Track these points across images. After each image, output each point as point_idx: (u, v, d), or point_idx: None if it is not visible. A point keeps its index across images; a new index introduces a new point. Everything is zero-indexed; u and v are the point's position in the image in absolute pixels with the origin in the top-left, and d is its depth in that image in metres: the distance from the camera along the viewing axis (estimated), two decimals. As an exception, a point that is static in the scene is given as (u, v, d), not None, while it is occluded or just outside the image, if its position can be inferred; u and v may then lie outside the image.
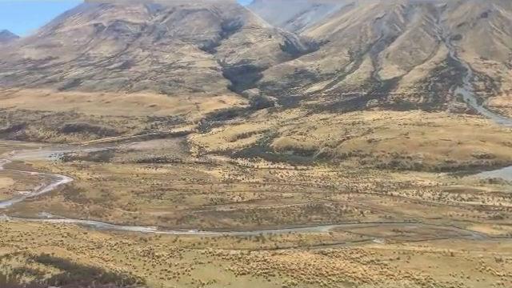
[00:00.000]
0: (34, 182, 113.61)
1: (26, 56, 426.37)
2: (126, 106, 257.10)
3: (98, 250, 59.37)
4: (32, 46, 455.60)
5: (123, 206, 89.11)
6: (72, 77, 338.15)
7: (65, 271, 48.87)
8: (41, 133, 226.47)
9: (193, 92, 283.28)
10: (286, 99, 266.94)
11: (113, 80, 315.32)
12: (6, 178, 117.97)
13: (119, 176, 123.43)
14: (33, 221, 77.41)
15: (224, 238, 68.10)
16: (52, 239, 64.07)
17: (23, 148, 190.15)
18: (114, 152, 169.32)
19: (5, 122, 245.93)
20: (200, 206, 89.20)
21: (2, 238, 63.36)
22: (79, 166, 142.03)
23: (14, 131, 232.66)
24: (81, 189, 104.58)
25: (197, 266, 53.65)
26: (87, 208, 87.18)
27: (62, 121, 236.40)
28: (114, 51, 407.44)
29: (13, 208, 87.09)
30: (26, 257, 53.54)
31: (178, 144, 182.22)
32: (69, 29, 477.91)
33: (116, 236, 68.15)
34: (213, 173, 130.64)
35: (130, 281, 46.89)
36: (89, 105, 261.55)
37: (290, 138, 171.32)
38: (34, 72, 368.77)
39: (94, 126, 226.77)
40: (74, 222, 77.91)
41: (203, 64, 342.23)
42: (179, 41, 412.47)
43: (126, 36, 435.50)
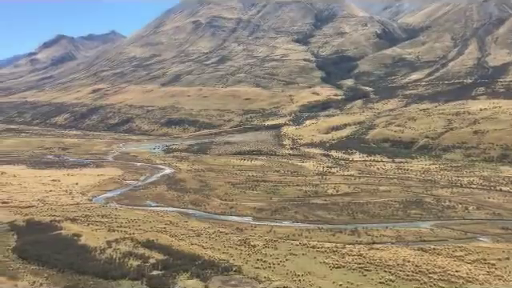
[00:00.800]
0: (139, 173, 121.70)
1: (131, 54, 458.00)
2: (223, 99, 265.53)
3: (197, 238, 62.04)
4: (137, 44, 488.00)
5: (220, 196, 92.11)
6: (173, 73, 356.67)
7: (167, 257, 51.69)
8: (145, 126, 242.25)
9: (286, 84, 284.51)
10: (383, 89, 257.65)
11: (210, 75, 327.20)
12: (115, 168, 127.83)
13: (216, 167, 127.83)
14: (138, 208, 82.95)
15: (318, 230, 67.61)
16: (156, 226, 68.16)
17: (130, 140, 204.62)
18: (211, 144, 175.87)
19: (114, 116, 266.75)
20: (294, 198, 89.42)
21: (112, 224, 68.71)
22: (179, 157, 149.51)
23: (122, 125, 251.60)
24: (181, 179, 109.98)
25: (291, 257, 53.85)
26: (187, 197, 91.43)
27: (164, 115, 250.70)
28: (210, 47, 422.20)
29: (121, 196, 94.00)
30: (133, 242, 57.51)
31: (272, 136, 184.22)
32: (170, 27, 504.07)
33: (214, 225, 70.70)
34: (306, 165, 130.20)
35: (228, 268, 48.33)
36: (188, 99, 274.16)
37: (386, 130, 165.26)
38: (139, 69, 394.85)
39: (193, 119, 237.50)
40: (175, 210, 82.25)
41: (297, 56, 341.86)
42: (273, 34, 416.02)
43: (222, 31, 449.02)
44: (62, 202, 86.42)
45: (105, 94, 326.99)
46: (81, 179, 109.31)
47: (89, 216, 74.18)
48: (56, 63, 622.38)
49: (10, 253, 54.81)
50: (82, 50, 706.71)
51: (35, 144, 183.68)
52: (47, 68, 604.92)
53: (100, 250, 54.05)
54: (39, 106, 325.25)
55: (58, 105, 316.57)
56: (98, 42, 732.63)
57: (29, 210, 77.95)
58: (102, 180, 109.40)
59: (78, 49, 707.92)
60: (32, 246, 55.49)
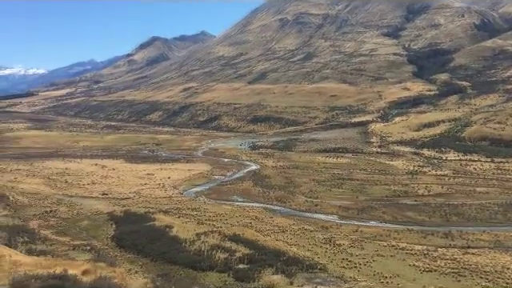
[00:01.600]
0: (227, 168, 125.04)
1: (220, 53, 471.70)
2: (308, 96, 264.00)
3: (282, 234, 62.40)
4: (225, 44, 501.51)
5: (305, 193, 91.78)
6: (259, 71, 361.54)
7: (253, 251, 52.54)
8: (232, 123, 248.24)
9: (374, 80, 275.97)
10: (481, 84, 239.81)
11: (295, 72, 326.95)
12: (204, 163, 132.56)
13: (301, 164, 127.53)
14: (226, 203, 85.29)
15: (408, 231, 64.84)
16: (242, 221, 69.64)
17: (218, 137, 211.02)
18: (296, 141, 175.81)
19: (203, 113, 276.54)
20: (382, 198, 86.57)
21: (201, 217, 71.34)
22: (265, 154, 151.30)
23: (211, 122, 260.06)
24: (266, 175, 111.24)
25: (378, 258, 52.21)
26: (272, 194, 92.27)
27: (250, 112, 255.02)
28: (297, 44, 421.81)
29: (210, 191, 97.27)
30: (221, 235, 59.22)
31: (359, 134, 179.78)
32: (257, 25, 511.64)
33: (299, 222, 70.64)
34: (395, 164, 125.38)
35: (313, 266, 48.01)
36: (273, 96, 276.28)
37: (485, 127, 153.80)
38: (227, 68, 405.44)
39: (279, 116, 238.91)
40: (260, 206, 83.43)
41: (386, 50, 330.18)
42: (361, 28, 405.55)
43: (308, 28, 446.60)
44: (155, 194, 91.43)
45: (195, 92, 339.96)
46: (173, 173, 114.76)
47: (180, 209, 77.69)
48: (151, 63, 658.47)
49: (109, 241, 59.10)
50: (175, 50, 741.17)
51: (132, 140, 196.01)
52: (143, 68, 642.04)
53: (190, 241, 56.29)
54: (135, 104, 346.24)
55: (152, 103, 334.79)
56: (189, 43, 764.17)
57: (126, 202, 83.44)
58: (192, 174, 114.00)
59: (171, 49, 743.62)
60: (128, 236, 59.28)
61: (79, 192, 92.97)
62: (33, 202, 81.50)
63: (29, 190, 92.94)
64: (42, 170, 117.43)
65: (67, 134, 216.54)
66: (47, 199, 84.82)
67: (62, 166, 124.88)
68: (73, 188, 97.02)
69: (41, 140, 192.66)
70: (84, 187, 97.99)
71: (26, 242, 54.85)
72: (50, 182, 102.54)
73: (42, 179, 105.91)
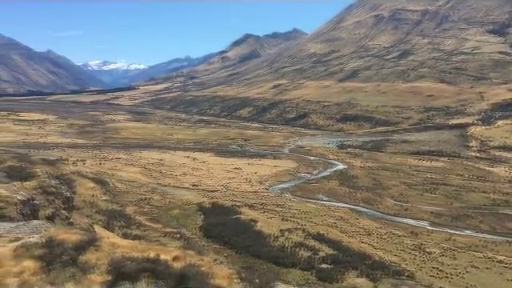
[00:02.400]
0: (313, 166, 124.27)
1: (311, 51, 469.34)
2: (402, 96, 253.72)
3: (368, 237, 60.73)
4: (317, 41, 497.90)
5: (394, 196, 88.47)
6: (350, 68, 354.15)
7: (337, 252, 51.76)
8: (320, 121, 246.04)
9: (476, 80, 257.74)
10: None
11: (389, 70, 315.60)
12: (290, 160, 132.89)
13: (391, 166, 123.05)
14: (310, 201, 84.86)
15: (507, 244, 59.92)
16: (326, 220, 68.85)
17: (305, 135, 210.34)
18: (386, 142, 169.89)
19: (292, 111, 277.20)
20: (479, 206, 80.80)
21: (286, 214, 71.67)
22: (353, 153, 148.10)
23: (299, 119, 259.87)
24: (354, 176, 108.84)
25: (472, 269, 48.88)
26: (359, 195, 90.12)
27: (340, 110, 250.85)
28: (392, 41, 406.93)
29: (295, 188, 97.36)
30: (305, 233, 59.06)
31: (456, 137, 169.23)
32: (351, 22, 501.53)
33: (386, 225, 68.29)
34: (496, 170, 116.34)
35: (399, 272, 46.20)
36: (365, 95, 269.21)
37: None
38: (318, 65, 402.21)
39: (369, 115, 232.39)
40: (346, 206, 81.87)
41: (491, 49, 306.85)
42: (463, 25, 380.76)
43: (405, 24, 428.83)
44: (242, 188, 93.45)
45: (284, 89, 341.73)
46: (259, 169, 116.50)
47: (265, 204, 78.68)
48: (243, 60, 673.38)
49: (197, 230, 61.52)
50: (267, 47, 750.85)
51: (222, 134, 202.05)
52: (235, 65, 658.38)
53: (273, 237, 56.83)
54: (227, 99, 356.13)
55: (242, 99, 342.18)
56: (281, 40, 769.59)
57: (214, 194, 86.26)
58: (278, 171, 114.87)
59: (263, 47, 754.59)
60: (215, 227, 61.27)
61: (171, 182, 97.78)
62: (130, 190, 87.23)
63: (127, 177, 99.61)
64: (139, 160, 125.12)
65: (163, 127, 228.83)
66: (143, 187, 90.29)
67: (157, 156, 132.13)
68: (166, 178, 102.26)
69: (139, 131, 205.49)
70: (176, 178, 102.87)
71: (122, 227, 58.94)
72: (145, 172, 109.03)
73: (138, 168, 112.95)
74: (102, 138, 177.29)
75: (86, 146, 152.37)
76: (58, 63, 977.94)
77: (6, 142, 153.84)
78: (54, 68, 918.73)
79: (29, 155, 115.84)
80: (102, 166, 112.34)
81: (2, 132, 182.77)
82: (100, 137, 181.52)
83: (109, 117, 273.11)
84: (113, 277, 8.43)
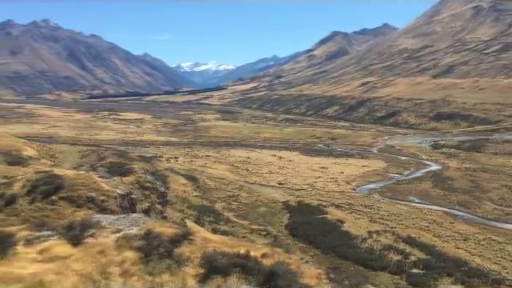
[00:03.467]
0: (403, 167, 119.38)
1: (402, 46, 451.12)
2: (503, 92, 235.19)
3: (464, 242, 57.08)
4: (409, 36, 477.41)
5: (494, 200, 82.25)
6: (445, 64, 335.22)
7: (429, 257, 49.22)
8: (412, 120, 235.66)
9: None
10: None
11: (489, 65, 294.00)
12: (379, 160, 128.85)
13: (491, 168, 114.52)
14: (401, 203, 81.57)
15: None
16: (418, 223, 65.75)
17: (395, 134, 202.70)
18: (485, 142, 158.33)
19: (381, 109, 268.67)
20: None
21: (374, 215, 69.59)
22: (448, 154, 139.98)
23: (388, 118, 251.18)
24: (449, 177, 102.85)
25: None
26: (454, 197, 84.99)
27: (433, 108, 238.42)
28: (492, 34, 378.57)
29: (384, 189, 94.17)
30: (394, 236, 56.90)
31: None
32: (446, 15, 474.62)
33: (484, 231, 63.67)
34: None
35: (499, 281, 42.80)
36: (461, 92, 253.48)
37: None
38: (409, 61, 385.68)
39: (466, 113, 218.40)
40: (439, 209, 77.54)
41: None
42: None
43: (507, 16, 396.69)
44: (328, 188, 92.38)
45: (373, 87, 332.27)
46: (346, 169, 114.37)
47: (352, 204, 77.07)
48: (330, 58, 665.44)
49: (283, 229, 61.86)
50: (355, 44, 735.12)
51: (308, 133, 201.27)
52: (322, 63, 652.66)
53: (361, 238, 55.46)
54: (313, 98, 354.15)
55: (329, 97, 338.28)
56: (370, 36, 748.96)
57: (300, 193, 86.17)
58: (365, 171, 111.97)
59: (351, 43, 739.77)
60: (301, 226, 61.16)
61: (258, 180, 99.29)
62: (218, 186, 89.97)
63: (216, 175, 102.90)
64: (228, 158, 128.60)
65: (250, 126, 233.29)
66: (231, 184, 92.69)
67: (244, 154, 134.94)
68: (253, 176, 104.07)
69: (227, 130, 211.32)
70: (262, 176, 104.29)
71: (211, 222, 60.96)
72: (233, 169, 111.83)
73: (227, 166, 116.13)
74: (193, 137, 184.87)
75: (179, 144, 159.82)
76: (154, 65, 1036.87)
77: (107, 139, 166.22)
78: (149, 70, 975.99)
79: (127, 152, 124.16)
80: (193, 163, 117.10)
81: (104, 130, 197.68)
82: (191, 135, 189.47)
83: (199, 116, 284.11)
84: (205, 270, 8.72)
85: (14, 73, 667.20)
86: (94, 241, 10.85)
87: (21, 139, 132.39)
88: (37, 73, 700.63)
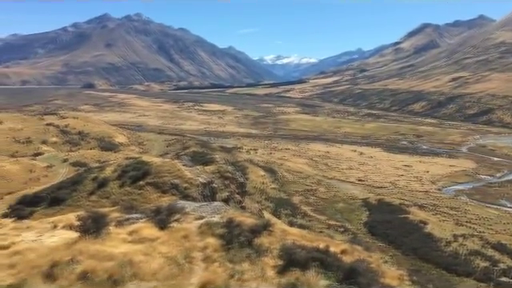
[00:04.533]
0: (495, 168, 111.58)
1: (499, 39, 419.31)
2: None
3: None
4: (507, 28, 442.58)
5: None
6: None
7: (522, 266, 45.71)
8: (507, 118, 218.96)
9: None
10: None
11: None
12: (468, 160, 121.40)
13: None
14: (491, 207, 76.37)
15: None
16: (510, 229, 61.22)
17: (488, 133, 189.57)
18: None
19: (473, 106, 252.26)
20: None
21: (460, 218, 65.81)
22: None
23: (481, 116, 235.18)
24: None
25: None
26: (553, 204, 77.97)
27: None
28: None
29: (473, 191, 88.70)
30: (482, 241, 53.46)
31: None
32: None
33: None
34: None
35: None
36: None
37: None
38: (507, 55, 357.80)
39: None
40: (536, 216, 71.52)
41: None
42: None
43: None
44: (411, 187, 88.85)
45: (465, 82, 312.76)
46: (432, 168, 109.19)
47: (437, 205, 73.55)
48: (418, 51, 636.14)
49: (361, 226, 60.57)
50: (446, 37, 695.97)
51: (391, 129, 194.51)
52: (409, 57, 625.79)
53: (445, 242, 52.81)
54: (398, 93, 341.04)
55: (415, 93, 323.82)
56: (463, 28, 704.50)
57: (380, 191, 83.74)
58: (453, 171, 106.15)
59: (442, 36, 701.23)
60: (380, 225, 59.48)
61: (337, 175, 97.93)
62: (296, 180, 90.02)
63: (294, 168, 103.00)
64: (306, 152, 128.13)
65: (330, 120, 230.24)
66: (309, 178, 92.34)
67: (323, 149, 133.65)
68: (332, 171, 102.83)
69: (307, 124, 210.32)
70: (342, 171, 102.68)
71: (288, 215, 61.25)
72: (312, 163, 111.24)
73: (305, 160, 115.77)
74: (273, 129, 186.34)
75: (259, 136, 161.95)
76: (237, 58, 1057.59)
77: (191, 129, 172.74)
78: (233, 63, 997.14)
79: (209, 142, 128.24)
80: (272, 155, 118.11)
81: (188, 121, 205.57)
82: (271, 128, 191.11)
83: (280, 109, 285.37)
84: (284, 262, 8.77)
85: (108, 64, 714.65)
86: (179, 226, 11.33)
87: (113, 127, 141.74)
88: (129, 64, 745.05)
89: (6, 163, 73.61)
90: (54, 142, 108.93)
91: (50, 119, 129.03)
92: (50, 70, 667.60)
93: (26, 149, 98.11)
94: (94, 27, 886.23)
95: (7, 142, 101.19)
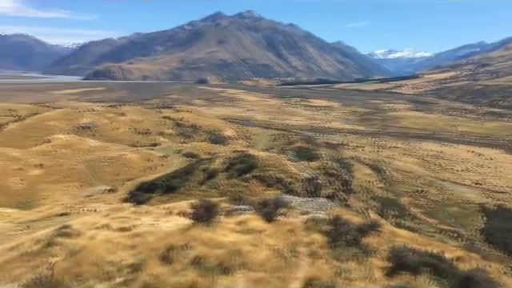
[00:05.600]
0: None
1: None
2: None
3: None
4: None
5: None
6: None
7: None
8: None
9: None
10: None
11: None
12: None
13: None
14: None
15: None
16: None
17: None
18: None
19: None
20: None
21: None
22: None
23: None
24: None
25: None
26: None
27: None
28: None
29: None
30: None
31: None
32: None
33: None
34: None
35: None
36: None
37: None
38: None
39: None
40: None
41: None
42: None
43: None
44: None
45: None
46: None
47: None
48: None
49: (477, 233, 56.15)
50: None
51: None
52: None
53: None
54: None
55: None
56: None
57: (500, 196, 76.85)
58: None
59: None
60: (499, 233, 54.63)
61: (451, 177, 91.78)
62: (405, 180, 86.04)
63: (403, 167, 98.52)
64: (417, 151, 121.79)
65: (445, 118, 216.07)
66: (419, 179, 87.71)
67: (436, 148, 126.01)
68: (445, 172, 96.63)
69: (419, 121, 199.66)
70: (456, 173, 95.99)
71: (395, 216, 58.85)
72: (423, 163, 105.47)
73: (415, 159, 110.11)
74: (381, 126, 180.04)
75: (366, 133, 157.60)
76: (346, 53, 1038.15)
77: (297, 125, 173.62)
78: (341, 58, 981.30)
79: (314, 138, 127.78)
80: (379, 153, 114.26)
81: (294, 116, 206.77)
82: (379, 125, 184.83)
83: (389, 105, 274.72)
84: (393, 264, 8.44)
85: (220, 60, 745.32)
86: (285, 219, 11.48)
87: (222, 120, 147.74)
88: (239, 60, 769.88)
89: (127, 152, 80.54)
90: (169, 133, 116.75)
91: (166, 112, 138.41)
92: (168, 66, 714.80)
93: (144, 139, 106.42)
94: (208, 25, 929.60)
95: (129, 133, 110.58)
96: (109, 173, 68.88)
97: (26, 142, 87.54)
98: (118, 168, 71.21)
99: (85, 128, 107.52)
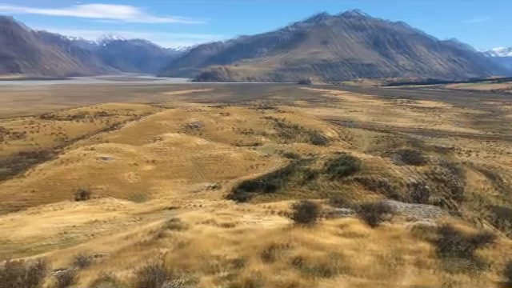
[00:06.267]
0: None
1: None
2: None
3: None
4: None
5: None
6: None
7: None
8: None
9: None
10: None
11: None
12: None
13: None
14: None
15: None
16: None
17: None
18: None
19: None
20: None
21: None
22: None
23: None
24: None
25: None
26: None
27: None
28: None
29: None
30: None
31: None
32: None
33: None
34: None
35: None
36: None
37: None
38: None
39: None
40: None
41: None
42: None
43: None
44: None
45: None
46: None
47: None
48: None
49: None
50: None
51: None
52: None
53: None
54: None
55: None
56: None
57: None
58: None
59: None
60: None
61: None
62: None
63: None
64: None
65: None
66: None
67: None
68: None
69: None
70: None
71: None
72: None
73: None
74: (499, 130, 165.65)
75: (481, 136, 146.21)
76: (459, 51, 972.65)
77: (402, 127, 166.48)
78: (454, 56, 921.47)
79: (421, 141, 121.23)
80: (496, 159, 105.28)
81: (401, 118, 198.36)
82: (496, 128, 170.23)
83: (508, 107, 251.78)
84: (510, 279, 7.70)
85: (323, 61, 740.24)
86: (390, 225, 11.03)
87: (323, 121, 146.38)
88: (343, 60, 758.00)
89: (231, 151, 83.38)
90: (271, 133, 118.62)
91: (268, 113, 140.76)
92: (271, 68, 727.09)
93: (247, 139, 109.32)
94: (312, 26, 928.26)
95: (233, 133, 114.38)
96: (213, 170, 71.89)
97: (140, 139, 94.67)
98: (222, 166, 74.01)
99: (192, 127, 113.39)
